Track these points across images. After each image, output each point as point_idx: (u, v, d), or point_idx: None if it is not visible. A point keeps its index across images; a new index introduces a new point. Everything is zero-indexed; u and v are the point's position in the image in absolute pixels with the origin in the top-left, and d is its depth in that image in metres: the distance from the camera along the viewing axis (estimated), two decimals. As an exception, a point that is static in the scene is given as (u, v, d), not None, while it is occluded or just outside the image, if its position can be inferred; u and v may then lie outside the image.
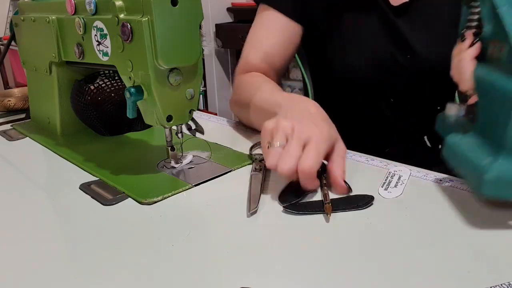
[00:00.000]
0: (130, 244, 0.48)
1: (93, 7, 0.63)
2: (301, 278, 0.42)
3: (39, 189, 0.65)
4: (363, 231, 0.49)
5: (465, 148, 0.51)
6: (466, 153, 0.50)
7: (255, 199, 0.56)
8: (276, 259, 0.45)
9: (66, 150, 0.76)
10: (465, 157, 0.50)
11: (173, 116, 0.61)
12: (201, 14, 0.58)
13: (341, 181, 0.57)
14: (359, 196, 0.56)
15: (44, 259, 0.46)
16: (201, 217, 0.54)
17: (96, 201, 0.58)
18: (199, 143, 0.75)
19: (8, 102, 1.02)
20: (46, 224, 0.54)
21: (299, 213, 0.53)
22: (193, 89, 0.61)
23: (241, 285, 0.41)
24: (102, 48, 0.64)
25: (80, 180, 0.64)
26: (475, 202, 0.53)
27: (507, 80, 0.46)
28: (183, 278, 0.42)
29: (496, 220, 0.49)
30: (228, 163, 0.67)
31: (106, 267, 0.45)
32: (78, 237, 0.51)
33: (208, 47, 2.61)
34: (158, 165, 0.68)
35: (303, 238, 0.48)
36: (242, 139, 0.80)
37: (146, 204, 0.57)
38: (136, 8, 0.55)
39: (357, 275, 0.42)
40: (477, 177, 0.46)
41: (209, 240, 0.49)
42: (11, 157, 0.77)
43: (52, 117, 0.84)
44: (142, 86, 0.58)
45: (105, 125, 0.81)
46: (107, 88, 0.79)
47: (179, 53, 0.57)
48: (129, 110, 0.61)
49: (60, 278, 0.43)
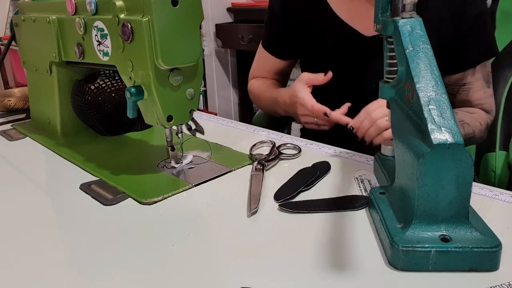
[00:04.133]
0: (130, 244, 0.48)
1: (93, 7, 0.63)
2: (301, 278, 0.42)
3: (39, 189, 0.65)
4: (361, 230, 0.49)
5: (383, 210, 0.48)
6: (383, 216, 0.47)
7: (255, 199, 0.56)
8: (276, 259, 0.45)
9: (66, 150, 0.76)
10: (380, 223, 0.47)
11: (173, 116, 0.61)
12: (201, 14, 0.58)
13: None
14: (356, 197, 0.56)
15: (44, 259, 0.46)
16: (201, 217, 0.54)
17: (96, 201, 0.58)
18: (199, 143, 0.75)
19: (8, 102, 1.02)
20: (46, 224, 0.54)
21: (293, 211, 0.53)
22: (193, 89, 0.61)
23: (241, 285, 0.41)
24: (103, 48, 0.64)
25: (80, 180, 0.64)
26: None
27: (413, 143, 0.44)
28: (183, 278, 0.42)
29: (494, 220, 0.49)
30: (228, 163, 0.67)
31: (106, 267, 0.45)
32: (78, 237, 0.51)
33: (208, 47, 2.61)
34: (158, 165, 0.68)
35: (303, 238, 0.48)
36: (242, 139, 0.80)
37: (146, 204, 0.57)
38: (136, 8, 0.55)
39: (357, 275, 0.42)
40: (389, 248, 0.43)
41: (209, 240, 0.49)
42: (11, 157, 0.77)
43: (52, 117, 0.84)
44: (143, 86, 0.58)
45: (105, 125, 0.81)
46: (107, 88, 0.79)
47: (179, 53, 0.57)
48: (130, 110, 0.61)
49: (60, 278, 0.43)
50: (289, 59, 1.05)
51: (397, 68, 0.50)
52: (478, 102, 0.91)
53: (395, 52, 0.51)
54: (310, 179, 0.61)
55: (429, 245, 0.41)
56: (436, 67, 0.46)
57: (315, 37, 0.96)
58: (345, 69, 0.93)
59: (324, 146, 0.75)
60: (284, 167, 0.68)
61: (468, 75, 0.90)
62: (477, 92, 0.91)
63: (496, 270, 0.41)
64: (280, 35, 1.01)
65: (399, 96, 0.50)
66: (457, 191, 0.42)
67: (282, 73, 1.08)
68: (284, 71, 1.08)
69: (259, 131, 0.85)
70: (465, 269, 0.41)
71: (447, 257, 0.41)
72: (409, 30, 0.48)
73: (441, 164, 0.41)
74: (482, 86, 0.91)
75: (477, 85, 0.90)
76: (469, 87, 0.90)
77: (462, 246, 0.41)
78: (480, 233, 0.42)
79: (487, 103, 0.92)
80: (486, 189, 0.57)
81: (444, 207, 0.42)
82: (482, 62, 0.89)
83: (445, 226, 0.43)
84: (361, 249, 0.46)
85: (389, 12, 0.52)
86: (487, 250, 0.41)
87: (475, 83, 0.90)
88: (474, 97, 0.91)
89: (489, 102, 0.93)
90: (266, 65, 1.07)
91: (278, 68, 1.06)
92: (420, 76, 0.45)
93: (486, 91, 0.92)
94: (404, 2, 0.49)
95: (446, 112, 0.43)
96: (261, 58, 1.08)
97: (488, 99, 0.92)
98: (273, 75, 1.08)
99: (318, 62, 0.97)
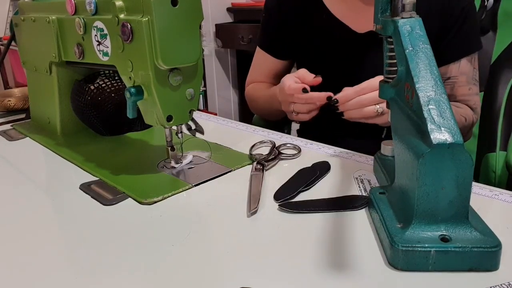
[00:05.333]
0: (130, 244, 0.48)
1: (93, 7, 0.63)
2: (301, 278, 0.42)
3: (39, 189, 0.65)
4: (361, 230, 0.49)
5: (383, 210, 0.48)
6: (382, 216, 0.47)
7: (255, 199, 0.56)
8: (276, 259, 0.45)
9: (66, 150, 0.76)
10: (380, 223, 0.47)
11: (173, 116, 0.61)
12: (201, 14, 0.58)
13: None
14: (355, 197, 0.56)
15: (44, 258, 0.46)
16: (201, 217, 0.54)
17: (96, 201, 0.58)
18: (199, 143, 0.75)
19: (8, 102, 1.02)
20: (46, 224, 0.54)
21: (293, 211, 0.53)
22: (193, 89, 0.61)
23: (241, 285, 0.41)
24: (102, 48, 0.64)
25: (80, 180, 0.64)
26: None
27: (413, 143, 0.43)
28: (183, 278, 0.42)
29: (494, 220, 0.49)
30: (228, 163, 0.67)
31: (106, 267, 0.45)
32: (78, 237, 0.51)
33: (208, 47, 2.61)
34: (158, 165, 0.68)
35: (303, 238, 0.48)
36: (242, 139, 0.80)
37: (146, 204, 0.57)
38: (136, 8, 0.55)
39: (357, 275, 0.42)
40: (389, 247, 0.43)
41: (209, 240, 0.49)
42: (11, 157, 0.77)
43: (52, 117, 0.84)
44: (142, 86, 0.58)
45: (105, 125, 0.81)
46: (107, 88, 0.79)
47: (179, 53, 0.57)
48: (129, 110, 0.61)
49: (60, 278, 0.43)
50: (286, 59, 1.05)
51: (397, 68, 0.50)
52: (463, 98, 0.92)
53: (394, 52, 0.51)
54: (310, 179, 0.60)
55: (429, 245, 0.41)
56: (435, 67, 0.46)
57: (310, 35, 0.97)
58: (340, 65, 0.94)
59: (324, 146, 0.75)
60: (284, 167, 0.68)
61: (452, 70, 0.91)
62: (462, 88, 0.92)
63: (496, 270, 0.41)
64: (277, 35, 1.02)
65: (398, 96, 0.50)
66: (457, 191, 0.42)
67: (280, 75, 1.07)
68: (282, 73, 1.08)
69: (259, 131, 0.85)
70: (465, 269, 0.41)
71: (447, 257, 0.41)
72: (409, 30, 0.48)
73: (441, 164, 0.41)
74: (467, 82, 0.91)
75: (462, 80, 0.91)
76: (454, 81, 0.91)
77: (462, 246, 0.41)
78: (480, 233, 0.42)
79: (472, 100, 0.93)
80: (486, 189, 0.57)
81: (444, 207, 0.42)
82: (466, 56, 0.90)
83: (445, 226, 0.43)
84: (361, 249, 0.46)
85: (389, 12, 0.52)
86: (487, 250, 0.41)
87: (459, 78, 0.90)
88: (458, 92, 0.91)
89: (474, 99, 0.93)
90: (264, 67, 1.08)
91: (275, 70, 1.07)
92: (420, 76, 0.45)
93: (472, 87, 0.92)
94: (404, 2, 0.49)
95: (445, 112, 0.43)
96: (259, 61, 1.09)
97: (473, 96, 0.93)
98: (271, 78, 1.08)
99: (314, 60, 0.98)
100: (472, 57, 0.92)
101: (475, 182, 0.53)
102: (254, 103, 1.09)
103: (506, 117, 1.02)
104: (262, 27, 1.06)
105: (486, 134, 1.03)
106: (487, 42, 1.03)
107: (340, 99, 0.76)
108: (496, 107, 1.00)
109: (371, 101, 0.74)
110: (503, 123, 1.02)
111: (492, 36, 1.04)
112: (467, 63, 0.91)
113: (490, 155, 1.03)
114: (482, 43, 0.93)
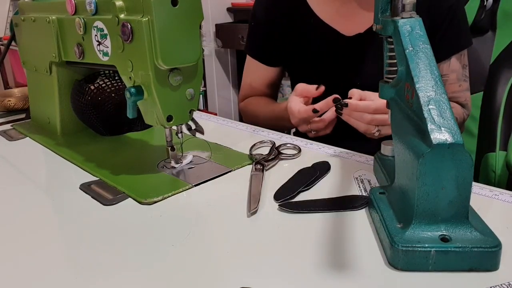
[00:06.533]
0: (130, 244, 0.48)
1: (93, 7, 0.63)
2: (301, 278, 0.42)
3: (39, 189, 0.65)
4: (361, 230, 0.49)
5: (383, 210, 0.48)
6: (382, 216, 0.47)
7: (255, 199, 0.56)
8: (276, 259, 0.45)
9: (66, 150, 0.76)
10: (380, 223, 0.47)
11: (173, 116, 0.61)
12: (201, 14, 0.58)
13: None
14: (355, 197, 0.56)
15: (44, 258, 0.46)
16: (201, 217, 0.54)
17: (96, 201, 0.58)
18: (199, 143, 0.75)
19: (8, 102, 1.02)
20: (46, 224, 0.54)
21: (293, 211, 0.53)
22: (193, 89, 0.61)
23: (241, 285, 0.41)
24: (102, 48, 0.64)
25: (80, 180, 0.64)
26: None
27: (413, 143, 0.43)
28: (183, 278, 0.42)
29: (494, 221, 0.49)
30: (228, 163, 0.67)
31: (106, 267, 0.45)
32: (78, 237, 0.51)
33: (208, 47, 2.61)
34: (158, 165, 0.68)
35: (303, 238, 0.48)
36: (242, 139, 0.80)
37: (146, 204, 0.57)
38: (136, 8, 0.55)
39: (357, 275, 0.42)
40: (389, 247, 0.43)
41: (209, 240, 0.49)
42: (11, 157, 0.77)
43: (52, 117, 0.84)
44: (142, 86, 0.58)
45: (105, 125, 0.81)
46: (107, 88, 0.79)
47: (179, 53, 0.57)
48: (129, 110, 0.61)
49: (60, 278, 0.43)
50: (276, 65, 1.05)
51: (397, 68, 0.50)
52: (453, 95, 0.92)
53: (394, 52, 0.51)
54: (310, 179, 0.61)
55: (429, 245, 0.41)
56: (436, 67, 0.46)
57: (298, 40, 0.97)
58: (329, 69, 0.95)
59: (324, 146, 0.75)
60: (284, 167, 0.68)
61: (443, 68, 0.91)
62: (452, 85, 0.92)
63: (496, 270, 0.41)
64: (266, 41, 1.02)
65: (399, 96, 0.51)
66: (457, 191, 0.42)
67: (272, 84, 1.08)
68: (274, 81, 1.08)
69: (259, 131, 0.85)
70: (465, 269, 0.41)
71: (447, 257, 0.41)
72: (409, 30, 0.48)
73: (441, 164, 0.41)
74: (457, 79, 0.92)
75: (453, 78, 0.91)
76: (445, 79, 0.91)
77: (462, 246, 0.41)
78: (480, 233, 0.42)
79: (462, 97, 0.93)
80: (486, 189, 0.57)
81: (444, 207, 0.42)
82: (455, 54, 0.90)
83: (445, 226, 0.43)
84: (361, 249, 0.46)
85: (389, 12, 0.52)
86: (487, 250, 0.41)
87: (450, 75, 0.91)
88: (449, 89, 0.92)
89: (464, 95, 0.93)
90: (255, 76, 1.07)
91: (267, 78, 1.06)
92: (420, 76, 0.45)
93: (462, 84, 0.92)
94: (404, 2, 0.49)
95: (445, 112, 0.43)
96: (250, 70, 1.09)
97: (464, 92, 0.93)
98: (264, 88, 1.07)
99: (303, 65, 0.99)
100: (462, 54, 0.92)
101: (475, 182, 0.53)
102: (254, 119, 1.06)
103: (506, 117, 1.02)
104: (250, 34, 1.06)
105: (485, 134, 1.03)
106: (487, 42, 1.03)
107: (350, 106, 0.75)
108: (495, 107, 1.00)
109: (375, 123, 0.74)
110: (502, 123, 1.02)
111: (491, 36, 1.04)
112: (457, 61, 0.91)
113: (490, 155, 1.03)
114: (472, 39, 0.93)
